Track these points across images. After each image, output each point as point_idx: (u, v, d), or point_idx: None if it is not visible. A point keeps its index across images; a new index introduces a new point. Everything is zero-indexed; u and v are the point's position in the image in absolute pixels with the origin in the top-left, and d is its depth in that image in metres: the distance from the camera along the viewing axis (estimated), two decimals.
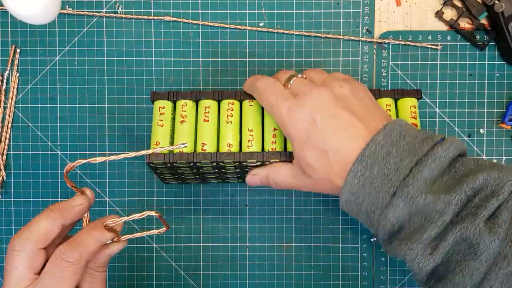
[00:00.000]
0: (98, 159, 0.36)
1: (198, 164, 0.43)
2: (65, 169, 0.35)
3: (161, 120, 0.43)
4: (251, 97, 0.44)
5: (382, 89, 0.47)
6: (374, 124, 0.38)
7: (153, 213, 0.37)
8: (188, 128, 0.43)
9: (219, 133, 0.44)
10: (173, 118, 0.44)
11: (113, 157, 0.36)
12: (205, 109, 0.44)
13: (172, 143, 0.44)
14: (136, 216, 0.36)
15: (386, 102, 0.44)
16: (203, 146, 0.43)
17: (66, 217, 0.35)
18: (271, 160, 0.42)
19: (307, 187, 0.41)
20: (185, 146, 0.39)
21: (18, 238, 0.34)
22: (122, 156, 0.36)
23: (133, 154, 0.37)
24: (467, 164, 0.36)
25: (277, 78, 0.42)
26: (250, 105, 0.44)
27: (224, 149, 0.43)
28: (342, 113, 0.38)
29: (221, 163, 0.43)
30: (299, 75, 0.41)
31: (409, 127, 0.38)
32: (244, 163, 0.43)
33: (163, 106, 0.44)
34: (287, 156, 0.42)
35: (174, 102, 0.44)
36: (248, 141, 0.43)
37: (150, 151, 0.38)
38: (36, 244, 0.34)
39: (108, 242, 0.37)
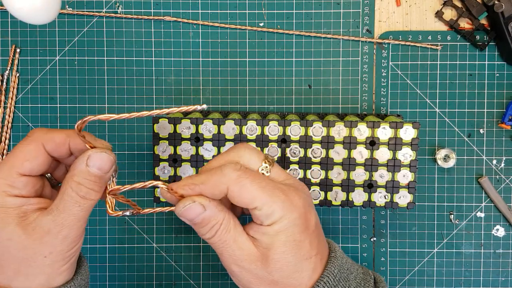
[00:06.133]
0: (103, 117, 0.34)
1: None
2: (76, 126, 0.34)
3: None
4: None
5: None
6: (322, 252, 0.38)
7: (160, 184, 0.35)
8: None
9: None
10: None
11: (123, 115, 0.34)
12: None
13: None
14: (139, 185, 0.35)
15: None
16: None
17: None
18: None
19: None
20: (203, 109, 0.34)
21: None
22: (134, 115, 0.34)
23: (145, 113, 0.34)
24: None
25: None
26: None
27: None
28: (305, 242, 0.37)
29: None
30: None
31: (342, 262, 0.38)
32: None
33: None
34: None
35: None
36: None
37: (165, 111, 0.34)
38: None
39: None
